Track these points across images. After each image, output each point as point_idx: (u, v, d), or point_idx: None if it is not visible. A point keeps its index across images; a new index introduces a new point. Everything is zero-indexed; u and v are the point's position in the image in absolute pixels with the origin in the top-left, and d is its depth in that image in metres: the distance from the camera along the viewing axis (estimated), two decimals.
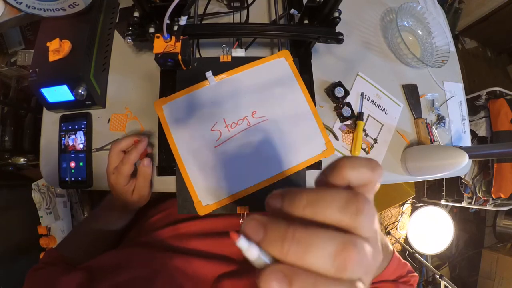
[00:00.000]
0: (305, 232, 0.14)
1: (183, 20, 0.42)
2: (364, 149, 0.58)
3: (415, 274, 0.39)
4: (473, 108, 1.36)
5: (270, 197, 0.17)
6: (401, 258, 0.38)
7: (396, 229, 1.74)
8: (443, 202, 1.48)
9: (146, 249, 0.43)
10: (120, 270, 0.37)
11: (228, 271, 0.40)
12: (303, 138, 0.49)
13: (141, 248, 0.43)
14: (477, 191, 1.31)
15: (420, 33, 0.70)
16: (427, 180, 1.55)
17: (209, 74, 0.48)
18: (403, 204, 1.75)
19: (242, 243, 0.15)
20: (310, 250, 0.14)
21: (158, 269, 0.38)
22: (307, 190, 0.16)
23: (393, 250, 0.38)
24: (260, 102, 0.49)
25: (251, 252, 0.15)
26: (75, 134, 0.52)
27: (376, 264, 0.16)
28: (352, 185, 0.17)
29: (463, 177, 1.31)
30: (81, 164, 0.51)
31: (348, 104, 0.56)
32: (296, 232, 0.14)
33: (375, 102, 0.61)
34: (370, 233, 0.15)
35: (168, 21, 0.41)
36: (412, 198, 1.67)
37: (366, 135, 0.59)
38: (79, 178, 0.51)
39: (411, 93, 0.64)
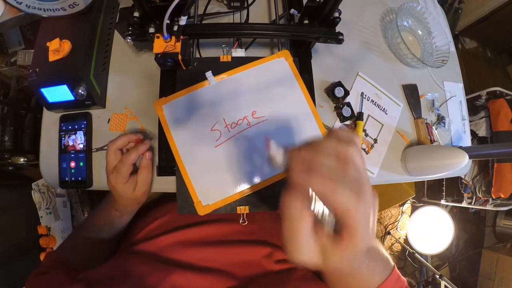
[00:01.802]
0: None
1: (183, 20, 0.42)
2: (364, 149, 0.58)
3: None
4: (473, 108, 1.36)
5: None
6: (400, 275, 0.38)
7: (396, 229, 1.74)
8: (443, 202, 1.48)
9: (145, 260, 0.42)
10: (118, 283, 0.37)
11: (227, 287, 0.40)
12: (303, 138, 0.48)
13: (140, 259, 0.43)
14: (477, 191, 1.31)
15: (420, 33, 0.70)
16: (427, 180, 1.55)
17: (209, 74, 0.48)
18: (403, 204, 1.75)
19: (272, 144, 0.24)
20: (319, 155, 0.22)
21: (156, 284, 0.38)
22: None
23: (394, 265, 0.38)
24: (260, 102, 0.49)
25: (278, 152, 0.24)
26: (75, 134, 0.52)
27: (375, 207, 0.22)
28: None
29: (463, 177, 1.31)
30: (81, 164, 0.51)
31: (348, 104, 0.56)
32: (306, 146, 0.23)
33: (375, 102, 0.61)
34: (361, 164, 0.22)
35: (168, 21, 0.41)
36: (412, 198, 1.67)
37: (366, 135, 0.59)
38: (79, 178, 0.51)
39: (411, 93, 0.64)
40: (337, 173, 0.20)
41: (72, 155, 0.51)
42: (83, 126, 0.52)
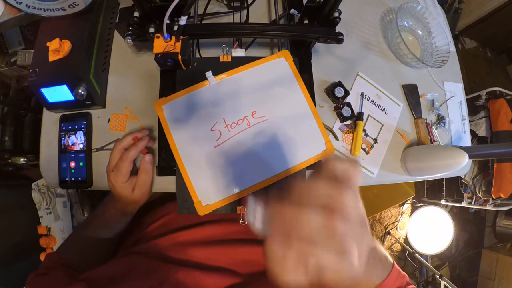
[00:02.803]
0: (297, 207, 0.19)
1: (183, 20, 0.42)
2: (364, 149, 0.58)
3: (414, 286, 0.39)
4: (473, 108, 1.36)
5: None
6: (400, 270, 0.38)
7: (396, 229, 1.74)
8: (443, 202, 1.48)
9: (147, 259, 0.42)
10: (120, 282, 0.37)
11: (231, 284, 0.40)
12: (303, 138, 0.49)
13: (142, 258, 0.43)
14: (477, 191, 1.31)
15: (420, 33, 0.70)
16: (427, 180, 1.55)
17: (209, 74, 0.48)
18: (403, 204, 1.75)
19: (250, 201, 0.21)
20: (301, 218, 0.19)
21: (160, 282, 0.38)
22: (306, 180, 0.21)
23: (393, 262, 0.38)
24: (260, 102, 0.49)
25: (257, 211, 0.20)
26: (75, 134, 0.52)
27: (367, 242, 0.21)
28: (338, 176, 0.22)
29: (463, 177, 1.31)
30: (81, 164, 0.51)
31: (348, 104, 0.56)
32: (289, 207, 0.20)
33: (375, 102, 0.61)
34: (353, 210, 0.20)
35: (168, 21, 0.41)
36: (412, 198, 1.67)
37: (366, 135, 0.59)
38: (79, 178, 0.51)
39: (411, 93, 0.64)
40: (319, 235, 0.18)
41: (72, 155, 0.51)
42: (83, 126, 0.52)
